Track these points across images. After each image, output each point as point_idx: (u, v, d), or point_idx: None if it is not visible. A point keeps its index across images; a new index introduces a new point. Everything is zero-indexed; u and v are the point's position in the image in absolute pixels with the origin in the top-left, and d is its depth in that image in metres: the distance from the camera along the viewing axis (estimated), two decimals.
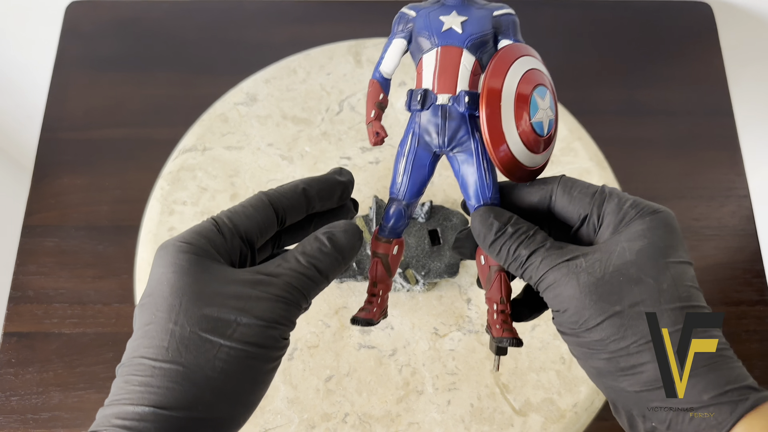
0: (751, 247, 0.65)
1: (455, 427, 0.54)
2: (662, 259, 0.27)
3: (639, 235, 0.28)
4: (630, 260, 0.27)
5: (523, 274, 0.30)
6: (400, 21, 0.33)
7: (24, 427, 0.56)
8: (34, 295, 0.61)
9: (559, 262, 0.28)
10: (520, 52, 0.31)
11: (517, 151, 0.30)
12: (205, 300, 0.26)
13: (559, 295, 0.28)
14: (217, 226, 0.29)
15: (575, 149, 0.65)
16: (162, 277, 0.27)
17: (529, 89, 0.30)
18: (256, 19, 0.75)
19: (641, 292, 0.27)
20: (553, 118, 0.31)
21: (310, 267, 0.29)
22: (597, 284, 0.27)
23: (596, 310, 0.27)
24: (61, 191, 0.66)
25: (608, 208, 0.30)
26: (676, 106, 0.72)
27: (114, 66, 0.72)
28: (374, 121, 0.33)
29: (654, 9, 0.77)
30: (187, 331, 0.26)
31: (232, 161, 0.65)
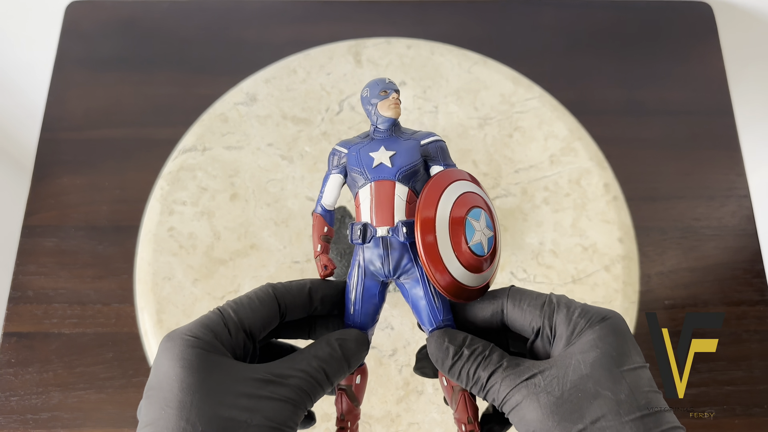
0: (751, 247, 0.65)
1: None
2: (616, 368, 0.28)
3: (591, 346, 0.28)
4: (586, 374, 0.27)
5: (485, 396, 0.30)
6: (333, 157, 0.34)
7: (24, 427, 0.56)
8: (33, 295, 0.61)
9: (518, 382, 0.28)
10: (451, 179, 0.32)
11: (459, 276, 0.31)
12: (216, 399, 0.27)
13: (523, 417, 0.28)
14: (223, 320, 0.30)
15: (575, 149, 0.65)
16: (170, 371, 0.27)
17: (462, 213, 0.31)
18: (256, 19, 0.75)
19: (601, 408, 0.27)
20: (492, 235, 0.32)
21: (320, 371, 0.29)
22: (557, 404, 0.27)
23: (560, 431, 0.27)
24: (60, 191, 0.66)
25: (558, 319, 0.30)
26: (677, 106, 0.72)
27: (114, 66, 0.72)
28: (321, 255, 0.33)
29: (654, 9, 0.77)
30: (199, 431, 0.26)
31: (232, 161, 0.65)
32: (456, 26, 0.75)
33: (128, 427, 0.56)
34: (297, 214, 0.62)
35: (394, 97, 0.33)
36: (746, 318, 0.62)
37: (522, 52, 0.73)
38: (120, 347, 0.59)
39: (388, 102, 0.32)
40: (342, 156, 0.33)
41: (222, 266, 0.60)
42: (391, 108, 0.32)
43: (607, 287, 0.60)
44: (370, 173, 0.32)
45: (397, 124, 0.33)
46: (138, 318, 0.59)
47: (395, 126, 0.33)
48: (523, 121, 0.67)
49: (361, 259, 0.33)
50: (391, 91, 0.33)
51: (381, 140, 0.33)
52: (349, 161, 0.33)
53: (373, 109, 0.33)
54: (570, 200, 0.63)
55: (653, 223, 0.65)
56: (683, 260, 0.64)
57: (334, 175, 0.34)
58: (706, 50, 0.75)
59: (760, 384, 0.59)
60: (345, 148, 0.33)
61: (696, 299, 0.62)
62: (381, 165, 0.32)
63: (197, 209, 0.62)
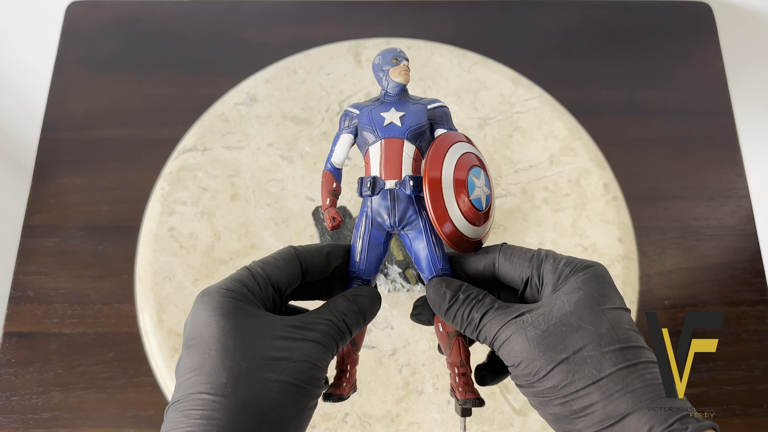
0: (751, 247, 0.65)
1: (455, 427, 0.54)
2: (598, 306, 0.30)
3: (575, 289, 0.31)
4: (569, 311, 0.30)
5: (478, 336, 0.33)
6: (345, 118, 0.36)
7: (24, 427, 0.56)
8: (34, 295, 0.61)
9: (508, 320, 0.31)
10: (453, 140, 0.35)
11: (461, 226, 0.34)
12: (256, 341, 0.29)
13: (512, 350, 0.30)
14: (252, 275, 0.32)
15: (575, 149, 0.65)
16: (209, 319, 0.29)
17: (464, 172, 0.34)
18: (256, 19, 0.75)
19: (582, 339, 0.29)
20: (489, 193, 0.35)
21: (341, 321, 0.32)
22: (543, 336, 0.29)
23: (545, 360, 0.29)
24: (61, 191, 0.66)
25: (545, 269, 0.33)
26: (676, 106, 0.72)
27: (114, 66, 0.73)
28: (330, 208, 0.36)
29: (654, 9, 0.77)
30: (243, 368, 0.28)
31: (232, 161, 0.65)
32: (456, 26, 0.75)
33: (129, 426, 0.56)
34: (297, 214, 0.62)
35: (404, 65, 0.35)
36: (746, 318, 0.62)
37: (522, 52, 0.73)
38: (120, 347, 0.59)
39: (399, 68, 0.35)
40: (354, 117, 0.36)
41: (222, 266, 0.60)
42: (402, 74, 0.35)
43: None
44: (381, 131, 0.35)
45: (406, 90, 0.36)
46: (138, 318, 0.59)
47: (404, 91, 0.36)
48: (522, 121, 0.67)
49: (369, 210, 0.35)
50: (401, 59, 0.35)
51: (391, 103, 0.35)
52: (361, 121, 0.35)
53: (384, 75, 0.35)
54: (570, 200, 0.63)
55: (653, 223, 0.65)
56: (683, 260, 0.64)
57: (344, 134, 0.36)
58: (705, 50, 0.75)
59: (759, 384, 0.60)
60: (357, 109, 0.36)
61: (696, 299, 0.62)
62: (391, 124, 0.35)
63: (197, 209, 0.62)
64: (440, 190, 0.33)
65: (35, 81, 0.84)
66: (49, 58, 0.73)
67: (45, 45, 0.78)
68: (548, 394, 0.29)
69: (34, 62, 0.84)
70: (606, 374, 0.28)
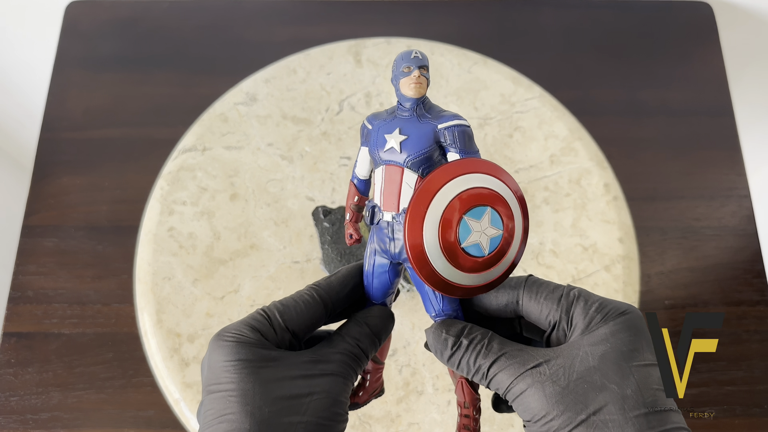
0: (751, 247, 0.65)
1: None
2: (625, 363, 0.27)
3: (602, 340, 0.28)
4: (593, 366, 0.27)
5: (489, 385, 0.30)
6: (362, 130, 0.33)
7: (23, 428, 0.56)
8: (33, 296, 0.61)
9: (523, 371, 0.28)
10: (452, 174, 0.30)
11: (458, 279, 0.30)
12: (275, 382, 0.28)
13: (528, 406, 0.28)
14: (269, 322, 0.31)
15: (575, 149, 0.65)
16: (227, 365, 0.29)
17: (455, 217, 0.29)
18: (256, 18, 0.75)
19: (605, 400, 0.27)
20: (498, 234, 0.30)
21: (356, 347, 0.31)
22: (563, 393, 0.27)
23: (564, 420, 0.27)
24: (60, 191, 0.66)
25: (576, 312, 0.30)
26: (677, 106, 0.72)
27: (114, 66, 0.72)
28: (349, 223, 0.34)
29: (654, 9, 0.77)
30: (266, 413, 0.28)
31: (231, 161, 0.64)
32: (456, 26, 0.75)
33: (128, 427, 0.56)
34: (297, 214, 0.62)
35: (415, 75, 0.31)
36: (746, 318, 0.62)
37: (522, 52, 0.73)
38: (120, 347, 0.59)
39: (409, 80, 0.31)
40: (367, 132, 0.32)
41: (222, 266, 0.60)
42: (411, 87, 0.31)
43: (608, 287, 0.59)
44: (381, 156, 0.31)
45: (426, 101, 0.31)
46: (138, 318, 0.59)
47: (423, 103, 0.31)
48: (523, 121, 0.67)
49: (374, 237, 0.33)
50: (414, 68, 0.31)
51: (401, 120, 0.31)
52: (370, 138, 0.32)
53: (396, 86, 0.31)
54: (570, 200, 0.63)
55: (653, 223, 0.65)
56: (683, 260, 0.64)
57: (363, 148, 0.33)
58: (706, 50, 0.75)
59: (760, 384, 0.59)
60: (371, 123, 0.32)
61: (696, 299, 0.62)
62: (392, 149, 0.31)
63: (197, 209, 0.62)
64: (422, 251, 0.29)
65: (34, 81, 0.84)
66: (48, 58, 0.73)
67: (44, 44, 0.78)
68: None
69: (34, 62, 0.84)
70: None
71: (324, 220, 0.60)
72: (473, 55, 0.70)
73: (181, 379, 0.56)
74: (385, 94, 0.68)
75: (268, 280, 0.60)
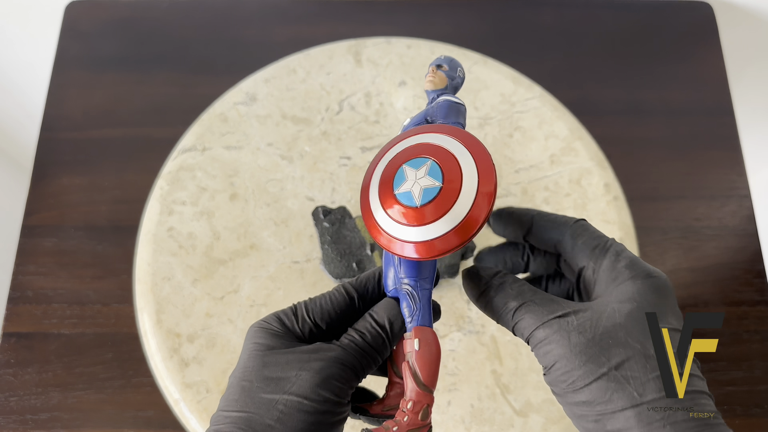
0: (752, 247, 0.65)
1: (455, 427, 0.54)
2: (651, 323, 0.28)
3: (629, 298, 0.28)
4: (619, 323, 0.28)
5: (514, 328, 0.30)
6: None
7: (23, 428, 0.56)
8: (33, 296, 0.61)
9: (550, 318, 0.28)
10: (412, 133, 0.31)
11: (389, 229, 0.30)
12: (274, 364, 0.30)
13: (550, 352, 0.28)
14: (293, 311, 0.33)
15: (576, 149, 0.65)
16: (245, 346, 0.32)
17: (398, 164, 0.30)
18: (256, 18, 0.75)
19: (628, 356, 0.27)
20: (436, 186, 0.29)
21: (359, 338, 0.32)
22: (587, 345, 0.27)
23: (585, 372, 0.27)
24: (60, 191, 0.66)
25: (604, 264, 0.30)
26: (677, 106, 0.72)
27: (113, 65, 0.72)
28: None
29: (655, 9, 0.77)
30: (254, 387, 0.30)
31: (231, 161, 0.64)
32: (456, 26, 0.75)
33: (127, 427, 0.56)
34: (297, 214, 0.62)
35: (430, 71, 0.33)
36: (747, 318, 0.62)
37: (522, 52, 0.73)
38: (119, 347, 0.59)
39: (427, 76, 0.34)
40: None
41: (222, 266, 0.60)
42: (427, 81, 0.33)
43: None
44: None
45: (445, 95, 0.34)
46: (137, 318, 0.59)
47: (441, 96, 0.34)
48: (523, 121, 0.67)
49: None
50: (432, 66, 0.34)
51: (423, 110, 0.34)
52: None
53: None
54: (570, 200, 0.63)
55: (654, 224, 0.65)
56: (684, 260, 0.64)
57: None
58: (706, 50, 0.75)
59: (760, 384, 0.59)
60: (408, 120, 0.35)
61: (696, 299, 0.62)
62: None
63: (197, 209, 0.62)
64: (367, 198, 0.30)
65: (34, 80, 0.84)
66: (48, 58, 0.73)
67: (44, 44, 0.78)
68: (582, 409, 0.27)
69: (33, 61, 0.84)
70: (647, 399, 0.26)
71: (324, 220, 0.60)
72: (473, 55, 0.70)
73: (180, 380, 0.56)
74: (385, 93, 0.68)
75: (268, 280, 0.60)
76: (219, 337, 0.57)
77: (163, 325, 0.57)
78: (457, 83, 0.34)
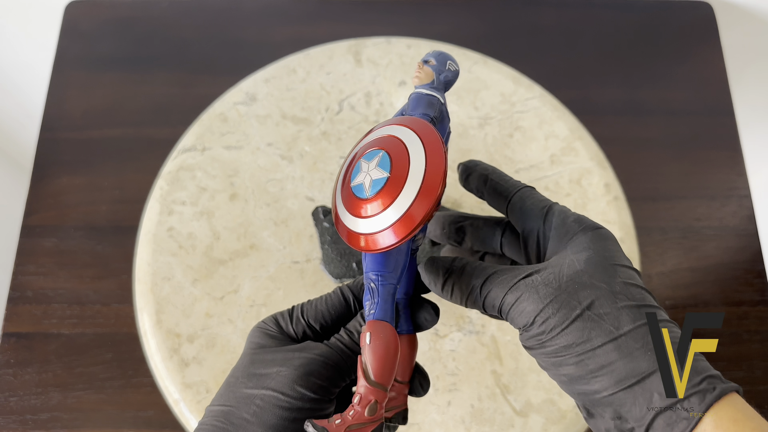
0: (752, 247, 0.65)
1: (456, 428, 0.54)
2: (609, 265, 0.29)
3: (584, 248, 0.30)
4: (580, 269, 0.29)
5: (484, 304, 0.31)
6: None
7: (23, 428, 0.56)
8: (33, 296, 0.61)
9: (515, 282, 0.29)
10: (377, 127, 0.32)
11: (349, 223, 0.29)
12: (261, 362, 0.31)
13: (523, 311, 0.29)
14: (290, 313, 0.34)
15: (576, 149, 0.65)
16: (246, 343, 0.34)
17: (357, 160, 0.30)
18: (256, 18, 0.75)
19: (596, 296, 0.28)
20: (383, 177, 0.29)
21: (347, 338, 0.32)
22: (556, 293, 0.28)
23: (560, 318, 0.28)
24: (60, 191, 0.66)
25: (554, 222, 0.31)
26: (677, 106, 0.72)
27: (113, 65, 0.72)
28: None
29: (655, 9, 0.77)
30: (238, 381, 0.31)
31: (231, 161, 0.64)
32: (456, 26, 0.75)
33: (127, 427, 0.56)
34: (297, 214, 0.62)
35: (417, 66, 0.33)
36: (747, 318, 0.62)
37: (522, 52, 0.73)
38: (119, 348, 0.59)
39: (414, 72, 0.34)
40: None
41: (221, 266, 0.60)
42: (413, 78, 0.34)
43: None
44: None
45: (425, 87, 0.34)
46: (137, 318, 0.59)
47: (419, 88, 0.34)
48: (523, 121, 0.67)
49: None
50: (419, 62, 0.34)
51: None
52: None
53: None
54: (571, 200, 0.63)
55: (654, 224, 0.65)
56: (684, 260, 0.64)
57: None
58: (707, 50, 0.75)
59: (760, 384, 0.59)
60: None
61: (696, 299, 0.62)
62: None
63: (197, 209, 0.62)
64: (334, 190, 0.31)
65: (34, 80, 0.84)
66: (47, 58, 0.73)
67: (44, 44, 0.78)
68: (562, 353, 0.28)
69: (33, 62, 0.84)
70: (624, 331, 0.27)
71: (324, 220, 0.60)
72: (473, 55, 0.70)
73: (180, 380, 0.55)
74: (385, 93, 0.68)
75: (268, 280, 0.59)
76: (219, 337, 0.57)
77: (162, 325, 0.57)
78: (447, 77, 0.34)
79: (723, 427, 0.26)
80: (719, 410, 0.26)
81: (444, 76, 0.33)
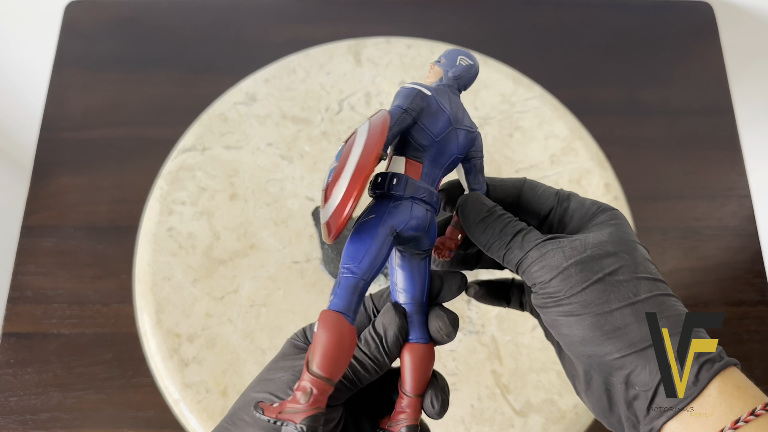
0: (752, 247, 0.65)
1: (456, 428, 0.54)
2: (629, 239, 0.31)
3: (606, 223, 0.31)
4: (605, 240, 0.30)
5: (506, 253, 0.31)
6: None
7: (23, 428, 0.56)
8: (32, 296, 0.61)
9: (544, 239, 0.31)
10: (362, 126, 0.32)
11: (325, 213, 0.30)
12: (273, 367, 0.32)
13: (546, 265, 0.30)
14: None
15: (576, 149, 0.65)
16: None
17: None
18: (256, 18, 0.75)
19: (619, 264, 0.29)
20: (334, 166, 0.30)
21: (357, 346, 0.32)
22: (581, 256, 0.29)
23: (581, 278, 0.29)
24: (60, 191, 0.66)
25: (572, 204, 0.33)
26: (677, 106, 0.72)
27: (113, 65, 0.72)
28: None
29: (655, 9, 0.77)
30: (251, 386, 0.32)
31: (231, 161, 0.64)
32: (456, 26, 0.75)
33: (127, 427, 0.56)
34: (297, 214, 0.62)
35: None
36: (747, 318, 0.62)
37: (522, 52, 0.73)
38: (119, 348, 0.59)
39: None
40: None
41: (221, 266, 0.60)
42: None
43: None
44: None
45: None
46: (137, 318, 0.59)
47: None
48: (523, 121, 0.67)
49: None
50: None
51: None
52: None
53: None
54: None
55: (654, 223, 0.65)
56: (684, 260, 0.64)
57: None
58: (706, 50, 0.75)
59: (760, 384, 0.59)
60: None
61: (697, 299, 0.62)
62: None
63: (196, 209, 0.62)
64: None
65: (34, 81, 0.84)
66: (47, 58, 0.73)
67: (44, 44, 0.78)
68: (578, 311, 0.29)
69: (33, 62, 0.84)
70: (642, 298, 0.28)
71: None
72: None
73: (180, 380, 0.55)
74: (385, 93, 0.68)
75: (268, 280, 0.59)
76: (219, 337, 0.57)
77: (162, 325, 0.57)
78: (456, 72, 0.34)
79: (728, 393, 0.29)
80: (725, 377, 0.29)
81: (453, 72, 0.33)
